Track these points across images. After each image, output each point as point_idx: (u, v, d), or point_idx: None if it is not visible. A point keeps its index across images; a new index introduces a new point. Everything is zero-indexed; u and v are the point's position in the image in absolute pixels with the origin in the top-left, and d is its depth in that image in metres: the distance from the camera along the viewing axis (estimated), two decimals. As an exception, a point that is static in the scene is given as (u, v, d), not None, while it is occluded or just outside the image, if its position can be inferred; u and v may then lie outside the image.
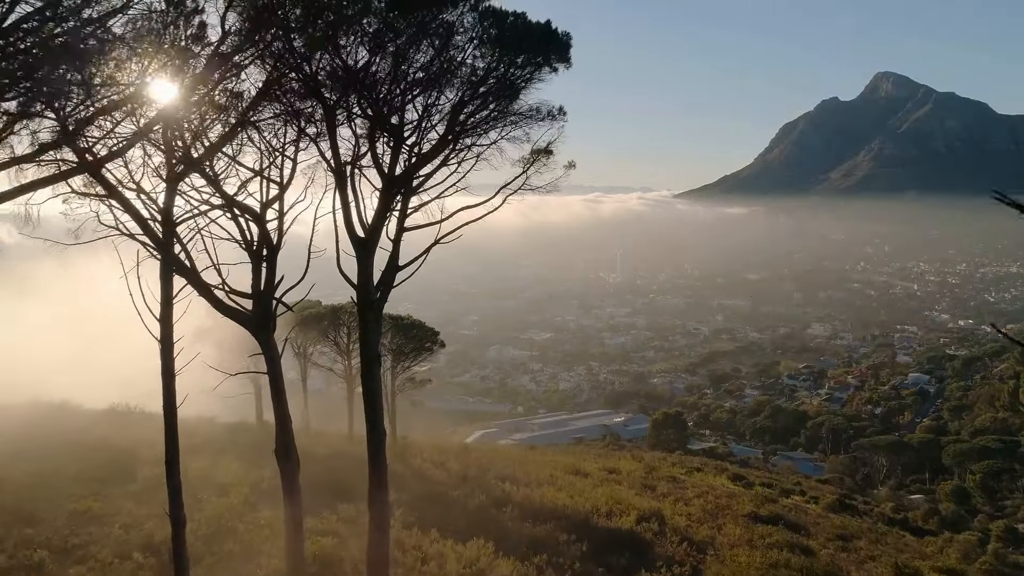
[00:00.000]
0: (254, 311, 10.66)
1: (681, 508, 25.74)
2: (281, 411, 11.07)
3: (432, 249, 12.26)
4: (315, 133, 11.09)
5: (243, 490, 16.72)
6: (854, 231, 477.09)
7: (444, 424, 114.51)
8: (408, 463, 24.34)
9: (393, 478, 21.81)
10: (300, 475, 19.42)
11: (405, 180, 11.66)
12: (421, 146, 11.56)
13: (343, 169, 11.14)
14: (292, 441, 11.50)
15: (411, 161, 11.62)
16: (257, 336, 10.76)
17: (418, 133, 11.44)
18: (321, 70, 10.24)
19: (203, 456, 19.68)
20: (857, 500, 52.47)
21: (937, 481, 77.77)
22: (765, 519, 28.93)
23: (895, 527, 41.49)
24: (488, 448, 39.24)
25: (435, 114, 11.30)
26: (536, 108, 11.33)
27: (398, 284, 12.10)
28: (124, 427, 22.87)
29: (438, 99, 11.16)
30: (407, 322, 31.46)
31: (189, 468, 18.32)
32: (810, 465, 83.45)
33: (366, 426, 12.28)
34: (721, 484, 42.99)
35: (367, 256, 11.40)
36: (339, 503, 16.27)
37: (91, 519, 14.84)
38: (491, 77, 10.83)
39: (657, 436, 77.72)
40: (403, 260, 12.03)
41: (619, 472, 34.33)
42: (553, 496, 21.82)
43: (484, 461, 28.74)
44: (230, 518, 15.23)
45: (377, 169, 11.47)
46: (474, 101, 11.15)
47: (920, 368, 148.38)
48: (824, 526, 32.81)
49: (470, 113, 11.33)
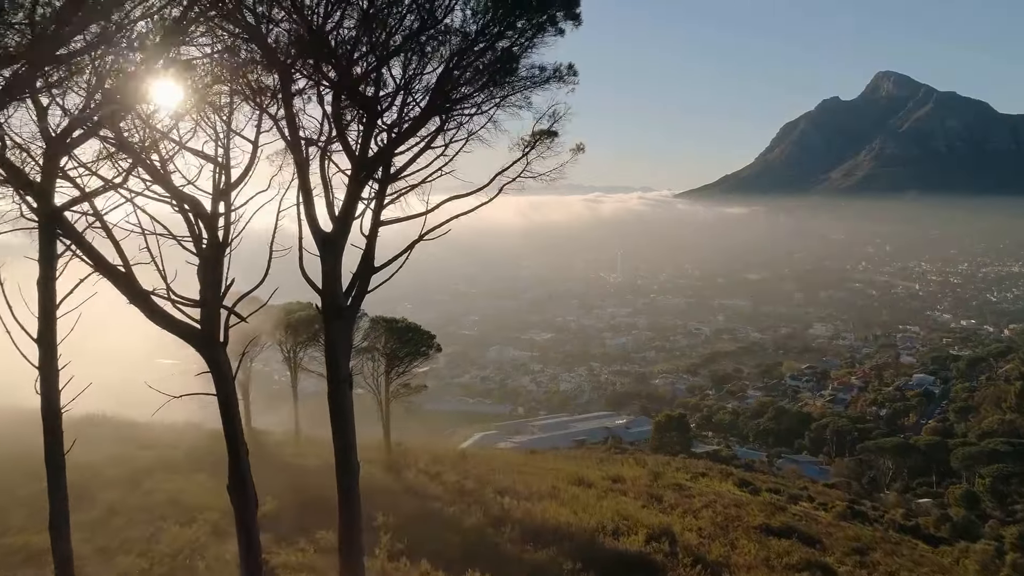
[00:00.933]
0: (202, 322, 9.16)
1: (691, 522, 24.36)
2: (234, 439, 9.46)
3: (418, 246, 10.73)
4: (276, 111, 9.51)
5: (213, 516, 14.84)
6: (855, 231, 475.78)
7: (443, 426, 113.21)
8: (401, 476, 22.97)
9: (384, 494, 20.52)
10: (284, 490, 18.17)
11: (380, 163, 10.10)
12: (401, 123, 10.00)
13: (301, 149, 9.54)
14: (248, 474, 9.87)
15: (390, 138, 10.08)
16: (201, 351, 9.13)
17: (395, 106, 9.87)
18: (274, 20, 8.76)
19: (177, 472, 18.21)
20: (866, 506, 51.43)
21: (945, 484, 76.70)
22: (778, 531, 27.69)
23: (907, 535, 40.49)
24: (487, 455, 37.86)
25: (415, 84, 9.73)
26: (540, 68, 9.62)
27: (374, 288, 10.48)
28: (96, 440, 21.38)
29: (419, 65, 9.60)
30: (402, 325, 30.05)
31: (157, 488, 17.01)
32: (815, 468, 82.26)
33: (336, 459, 10.87)
34: (728, 490, 41.87)
35: (334, 256, 9.83)
36: (319, 529, 14.78)
37: (27, 558, 12.91)
38: (482, 40, 9.26)
39: (660, 439, 76.59)
40: (381, 260, 10.49)
41: (623, 480, 32.95)
42: (555, 512, 20.41)
43: (482, 471, 27.37)
44: (191, 553, 13.45)
45: (344, 149, 9.82)
46: (462, 67, 9.55)
47: (924, 369, 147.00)
48: (838, 537, 31.56)
49: (457, 81, 9.71)
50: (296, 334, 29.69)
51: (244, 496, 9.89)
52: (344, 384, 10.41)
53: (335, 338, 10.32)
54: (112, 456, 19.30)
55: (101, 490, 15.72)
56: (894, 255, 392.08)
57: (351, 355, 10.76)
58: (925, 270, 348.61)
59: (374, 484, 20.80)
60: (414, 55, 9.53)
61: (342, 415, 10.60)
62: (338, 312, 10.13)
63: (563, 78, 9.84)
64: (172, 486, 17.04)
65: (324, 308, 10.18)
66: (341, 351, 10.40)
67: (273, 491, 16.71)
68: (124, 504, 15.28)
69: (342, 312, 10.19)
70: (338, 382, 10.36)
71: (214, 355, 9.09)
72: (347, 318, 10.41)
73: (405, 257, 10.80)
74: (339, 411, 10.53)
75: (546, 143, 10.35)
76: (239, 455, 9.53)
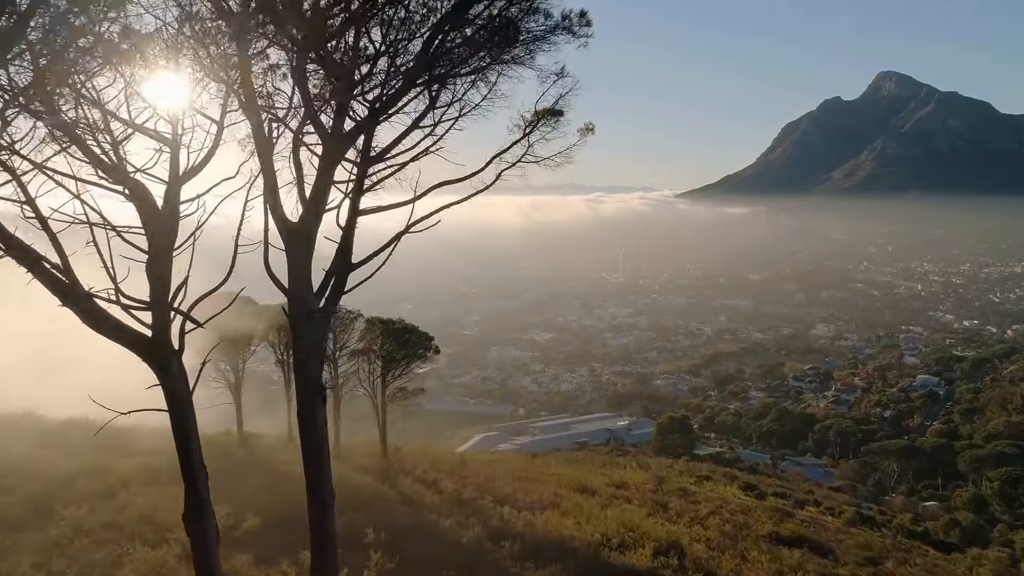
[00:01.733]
0: (153, 327, 7.99)
1: (698, 531, 23.37)
2: (191, 464, 8.29)
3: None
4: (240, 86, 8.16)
5: (185, 536, 13.91)
6: (857, 231, 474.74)
7: (444, 427, 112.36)
8: (396, 485, 21.95)
9: (377, 505, 19.56)
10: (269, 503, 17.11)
11: (357, 140, 8.86)
12: (383, 94, 8.69)
13: (260, 122, 8.26)
14: (206, 503, 8.62)
15: (372, 109, 8.80)
16: (150, 361, 7.93)
17: (376, 75, 8.63)
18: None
19: (156, 484, 17.03)
20: (873, 510, 50.65)
21: (951, 487, 75.83)
22: (788, 540, 26.80)
23: (916, 541, 39.71)
24: (487, 459, 36.86)
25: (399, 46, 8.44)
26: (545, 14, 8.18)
27: (352, 288, 9.26)
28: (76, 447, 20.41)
29: (404, 26, 8.29)
30: (399, 326, 29.06)
31: (131, 503, 15.97)
32: (820, 471, 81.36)
33: (307, 489, 9.52)
34: (733, 495, 41.10)
35: (302, 249, 8.52)
36: (305, 548, 13.74)
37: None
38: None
39: (663, 441, 75.74)
40: (361, 255, 9.23)
41: (627, 487, 32.00)
42: (558, 523, 19.42)
43: (481, 478, 26.38)
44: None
45: (312, 122, 8.51)
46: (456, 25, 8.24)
47: (928, 370, 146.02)
48: (848, 545, 30.67)
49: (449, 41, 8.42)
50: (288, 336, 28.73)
51: (202, 527, 8.68)
52: (316, 399, 9.10)
53: (304, 345, 8.97)
54: (88, 465, 18.28)
55: (69, 505, 14.60)
56: (896, 255, 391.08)
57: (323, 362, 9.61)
58: (927, 270, 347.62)
59: (367, 494, 19.86)
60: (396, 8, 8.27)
61: (313, 436, 9.29)
62: (307, 315, 8.79)
63: (572, 29, 8.47)
64: (147, 500, 15.89)
65: (290, 310, 8.87)
66: (312, 360, 9.08)
67: (257, 504, 15.75)
68: (92, 521, 14.23)
69: (312, 315, 8.84)
70: (309, 396, 9.03)
71: (164, 365, 7.99)
72: (318, 321, 9.02)
73: (389, 252, 9.45)
74: (310, 431, 9.20)
75: (550, 123, 9.15)
76: (196, 482, 8.46)
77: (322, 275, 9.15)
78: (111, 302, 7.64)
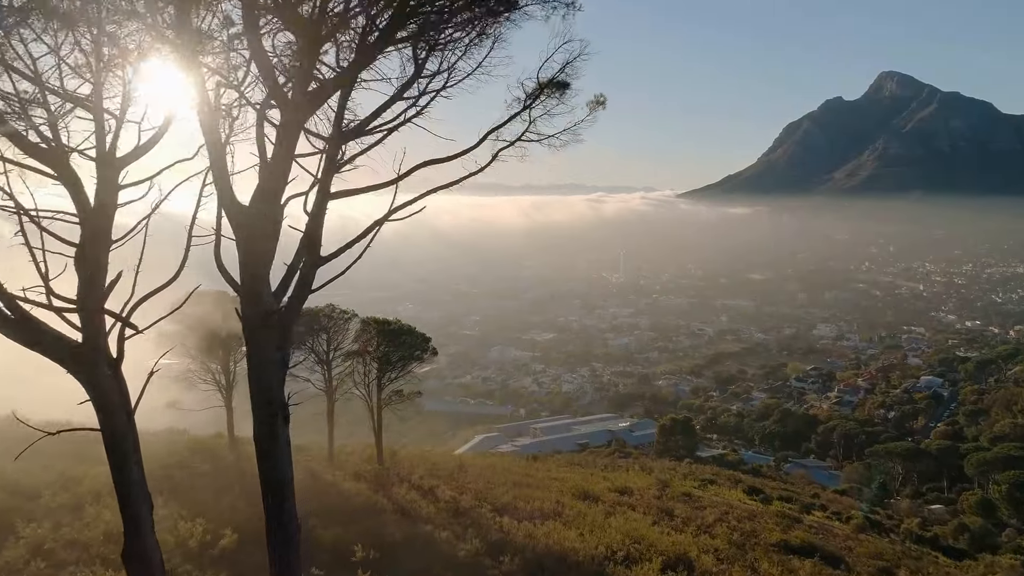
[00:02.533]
0: (83, 333, 6.85)
1: (706, 541, 22.42)
2: (130, 499, 7.09)
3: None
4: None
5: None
6: (858, 231, 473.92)
7: (444, 427, 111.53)
8: (391, 493, 20.96)
9: (370, 517, 18.58)
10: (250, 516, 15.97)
11: (321, 103, 7.51)
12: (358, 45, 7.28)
13: (202, 81, 6.95)
14: (148, 544, 7.37)
15: (341, 67, 7.59)
16: (77, 373, 6.80)
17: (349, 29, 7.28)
18: None
19: None
20: (880, 514, 49.78)
21: (956, 489, 74.84)
22: (798, 549, 25.94)
23: (925, 547, 38.88)
24: (486, 464, 35.85)
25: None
26: None
27: (322, 286, 8.02)
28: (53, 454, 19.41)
29: None
30: (395, 327, 28.09)
31: (99, 518, 14.87)
32: (824, 473, 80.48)
33: (266, 521, 8.10)
34: (738, 499, 40.30)
35: (258, 241, 7.29)
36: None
37: None
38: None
39: (665, 443, 74.74)
40: (332, 246, 7.93)
41: (631, 493, 31.07)
42: (560, 535, 18.44)
43: (480, 485, 25.42)
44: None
45: (264, 83, 7.25)
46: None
47: (932, 371, 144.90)
48: (860, 554, 29.80)
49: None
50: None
51: (141, 563, 7.43)
52: (276, 420, 7.70)
53: (260, 353, 7.57)
54: (62, 475, 17.28)
55: (33, 521, 13.55)
56: (898, 255, 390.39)
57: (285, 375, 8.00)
58: (929, 271, 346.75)
59: (359, 504, 18.92)
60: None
61: (273, 463, 7.95)
62: (264, 317, 7.40)
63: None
64: (117, 515, 14.88)
65: (243, 312, 7.50)
66: (270, 372, 7.61)
67: (237, 518, 14.74)
68: (54, 540, 13.16)
69: (269, 317, 7.46)
70: (267, 417, 7.64)
71: (94, 378, 6.90)
72: (278, 326, 7.62)
73: (368, 242, 8.18)
74: (269, 457, 7.86)
75: (555, 95, 7.98)
76: (138, 517, 7.31)
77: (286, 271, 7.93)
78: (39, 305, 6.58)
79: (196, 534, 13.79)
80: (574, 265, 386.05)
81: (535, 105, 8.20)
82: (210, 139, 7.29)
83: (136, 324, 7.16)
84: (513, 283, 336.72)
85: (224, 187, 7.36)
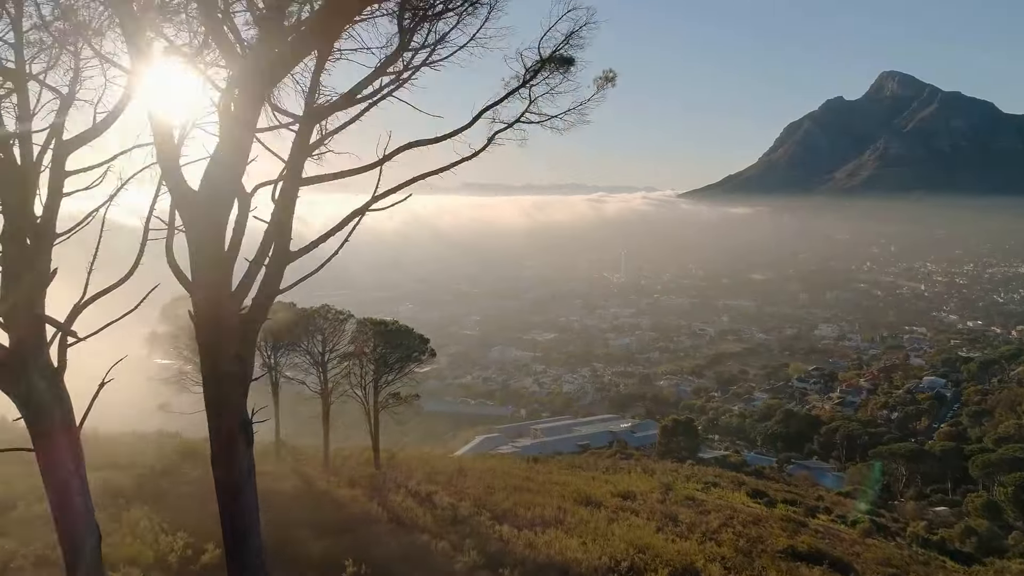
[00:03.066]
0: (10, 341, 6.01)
1: (712, 549, 21.76)
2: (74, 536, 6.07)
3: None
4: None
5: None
6: (859, 231, 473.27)
7: (444, 428, 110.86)
8: (387, 501, 20.24)
9: (363, 527, 17.86)
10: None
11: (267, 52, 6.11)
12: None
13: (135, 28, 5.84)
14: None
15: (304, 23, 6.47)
16: (6, 387, 5.97)
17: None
18: None
19: (109, 507, 14.74)
20: (885, 516, 49.22)
21: (960, 491, 74.17)
22: (805, 556, 25.29)
23: (933, 551, 38.31)
24: (486, 467, 35.17)
25: None
26: None
27: (291, 287, 6.98)
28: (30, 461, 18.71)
29: None
30: (392, 328, 27.42)
31: None
32: (828, 476, 79.71)
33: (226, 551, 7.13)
34: (742, 503, 39.78)
35: (208, 231, 6.16)
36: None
37: None
38: None
39: (667, 444, 74.12)
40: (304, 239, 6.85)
41: (634, 497, 30.43)
42: (562, 544, 17.77)
43: (480, 490, 24.76)
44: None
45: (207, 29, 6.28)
46: None
47: (934, 371, 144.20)
48: (868, 560, 29.21)
49: None
50: (277, 338, 27.03)
51: None
52: (236, 440, 6.52)
53: (215, 364, 6.39)
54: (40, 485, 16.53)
55: (4, 534, 12.79)
56: (899, 255, 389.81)
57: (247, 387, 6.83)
58: (931, 271, 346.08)
59: (353, 513, 18.25)
60: None
61: (233, 489, 6.74)
62: (218, 321, 6.27)
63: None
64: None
65: (195, 313, 6.37)
66: (228, 387, 6.43)
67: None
68: (22, 556, 12.21)
69: (224, 322, 6.31)
70: (224, 435, 6.50)
71: (23, 393, 6.03)
72: (237, 330, 6.49)
73: (348, 234, 7.08)
74: (228, 482, 6.66)
75: (559, 71, 7.00)
76: (78, 553, 6.39)
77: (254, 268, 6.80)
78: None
79: (177, 548, 13.06)
80: (575, 265, 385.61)
81: (536, 82, 7.27)
82: (152, 110, 6.29)
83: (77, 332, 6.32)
84: (514, 283, 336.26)
85: (170, 167, 6.30)
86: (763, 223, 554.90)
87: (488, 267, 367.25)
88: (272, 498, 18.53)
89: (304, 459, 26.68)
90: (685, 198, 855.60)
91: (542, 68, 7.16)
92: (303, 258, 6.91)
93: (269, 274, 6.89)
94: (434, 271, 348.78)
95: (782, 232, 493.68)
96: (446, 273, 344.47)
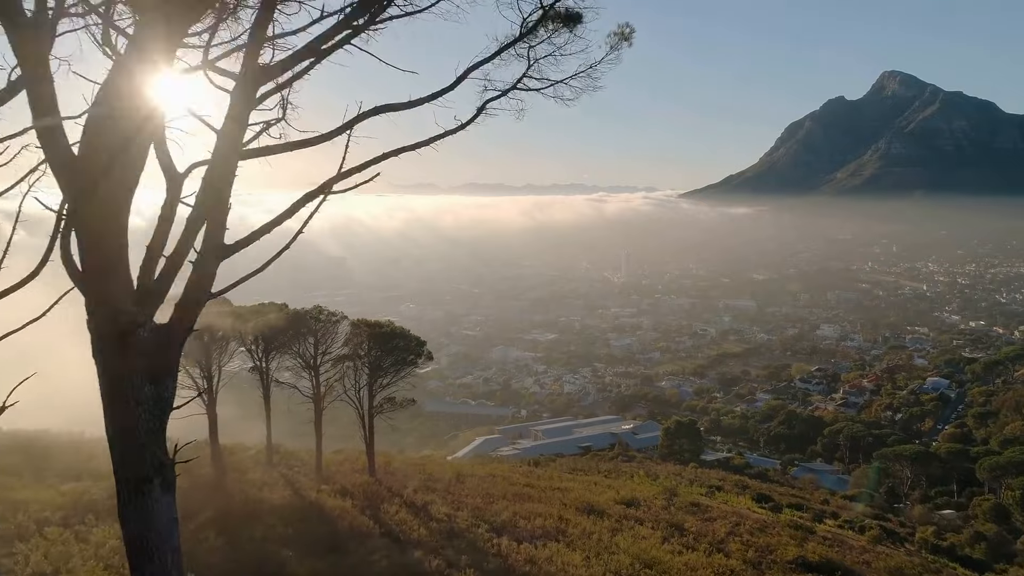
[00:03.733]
0: None
1: (720, 561, 20.85)
2: None
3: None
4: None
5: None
6: (861, 231, 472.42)
7: (445, 428, 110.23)
8: (380, 513, 19.29)
9: (353, 544, 16.91)
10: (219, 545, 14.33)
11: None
12: None
13: None
14: None
15: None
16: None
17: None
18: None
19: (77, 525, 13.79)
20: (892, 521, 48.44)
21: (966, 493, 73.26)
22: (816, 567, 24.43)
23: (943, 557, 37.53)
24: (486, 473, 34.25)
25: None
26: None
27: (227, 289, 5.64)
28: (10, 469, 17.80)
29: None
30: (387, 330, 26.44)
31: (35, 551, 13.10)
32: (833, 478, 78.78)
33: None
34: (747, 508, 39.04)
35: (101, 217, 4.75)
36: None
37: None
38: None
39: (670, 446, 73.40)
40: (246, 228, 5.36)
41: (638, 504, 29.51)
42: (564, 559, 16.85)
43: (479, 498, 23.84)
44: None
45: None
46: None
47: (938, 372, 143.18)
48: (879, 568, 28.39)
49: None
50: (268, 340, 26.08)
51: None
52: (146, 489, 4.97)
53: (117, 388, 4.87)
54: (11, 496, 15.56)
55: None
56: (901, 255, 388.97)
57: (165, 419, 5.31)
58: (932, 271, 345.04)
59: (343, 529, 17.32)
60: None
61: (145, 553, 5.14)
62: (120, 335, 4.77)
63: None
64: (55, 549, 12.70)
65: (94, 320, 4.94)
66: (135, 418, 4.89)
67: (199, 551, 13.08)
68: None
69: (129, 335, 4.79)
70: (132, 482, 4.96)
71: None
72: (149, 343, 4.96)
73: (303, 226, 5.67)
74: (139, 551, 5.05)
75: (564, 30, 5.73)
76: None
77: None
78: None
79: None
80: (576, 265, 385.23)
81: (537, 40, 5.94)
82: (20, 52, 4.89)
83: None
84: (515, 283, 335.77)
85: (52, 137, 4.80)
86: (764, 223, 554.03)
87: (489, 267, 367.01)
88: (259, 510, 17.65)
89: (297, 465, 25.76)
90: (686, 198, 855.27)
91: (542, 22, 5.85)
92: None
93: (199, 272, 5.48)
94: (435, 271, 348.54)
95: (783, 232, 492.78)
96: (447, 273, 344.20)
